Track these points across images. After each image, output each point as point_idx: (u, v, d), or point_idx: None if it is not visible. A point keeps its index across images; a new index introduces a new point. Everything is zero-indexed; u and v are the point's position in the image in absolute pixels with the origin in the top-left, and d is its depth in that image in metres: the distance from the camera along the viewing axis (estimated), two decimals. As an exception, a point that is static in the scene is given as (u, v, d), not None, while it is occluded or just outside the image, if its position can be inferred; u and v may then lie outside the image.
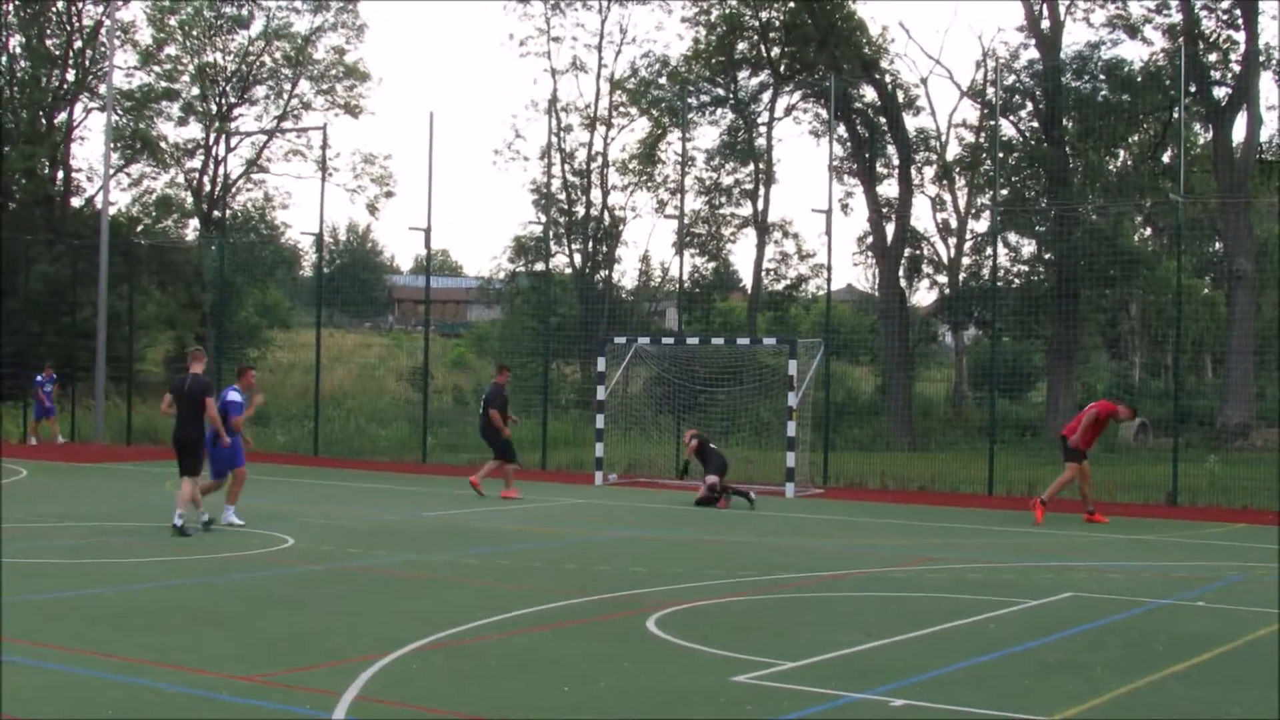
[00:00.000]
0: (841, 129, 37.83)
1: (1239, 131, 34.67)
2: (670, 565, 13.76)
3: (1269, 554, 15.59)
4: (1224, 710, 8.09)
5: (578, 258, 42.55)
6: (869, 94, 38.67)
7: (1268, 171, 35.42)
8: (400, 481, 24.15)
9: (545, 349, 30.57)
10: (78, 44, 44.27)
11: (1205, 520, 19.74)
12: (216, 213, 44.96)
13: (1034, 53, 37.11)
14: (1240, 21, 34.26)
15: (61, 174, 44.80)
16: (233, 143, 46.04)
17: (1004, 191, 35.19)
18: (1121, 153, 39.50)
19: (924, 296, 44.58)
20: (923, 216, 58.05)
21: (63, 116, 44.53)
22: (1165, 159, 36.75)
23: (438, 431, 31.33)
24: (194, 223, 47.13)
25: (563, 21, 44.69)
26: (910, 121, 39.34)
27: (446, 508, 19.65)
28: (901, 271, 37.59)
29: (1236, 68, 34.72)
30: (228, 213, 45.47)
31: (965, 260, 40.94)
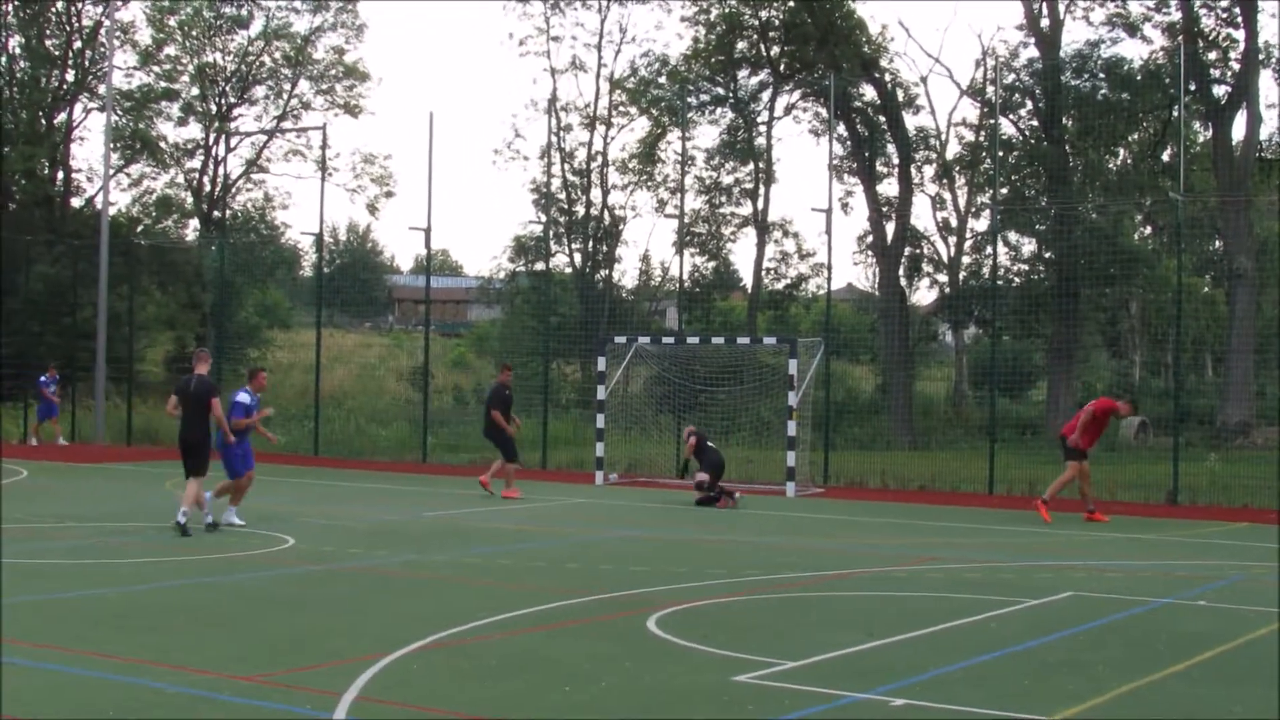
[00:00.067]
0: (841, 128, 37.82)
1: (1239, 130, 34.75)
2: (671, 565, 13.76)
3: (1269, 553, 15.59)
4: (1225, 709, 8.09)
5: (578, 257, 42.59)
6: (869, 93, 38.69)
7: (1267, 170, 35.42)
8: (400, 481, 24.15)
9: (545, 349, 30.57)
10: (77, 44, 44.30)
11: (1206, 519, 19.74)
12: (216, 213, 44.98)
13: (1034, 51, 37.16)
14: (1240, 19, 34.26)
15: (61, 174, 44.82)
16: (232, 143, 46.14)
17: (1004, 190, 35.18)
18: (1121, 151, 39.52)
19: (924, 295, 44.67)
20: (923, 215, 58.17)
21: (62, 117, 44.58)
22: (1165, 157, 36.77)
23: (438, 431, 31.32)
24: (194, 223, 47.22)
25: (562, 21, 44.70)
26: (910, 120, 39.43)
27: (447, 507, 19.65)
28: (901, 270, 37.57)
29: (1236, 66, 34.72)
30: (228, 213, 45.51)
31: (965, 259, 40.97)
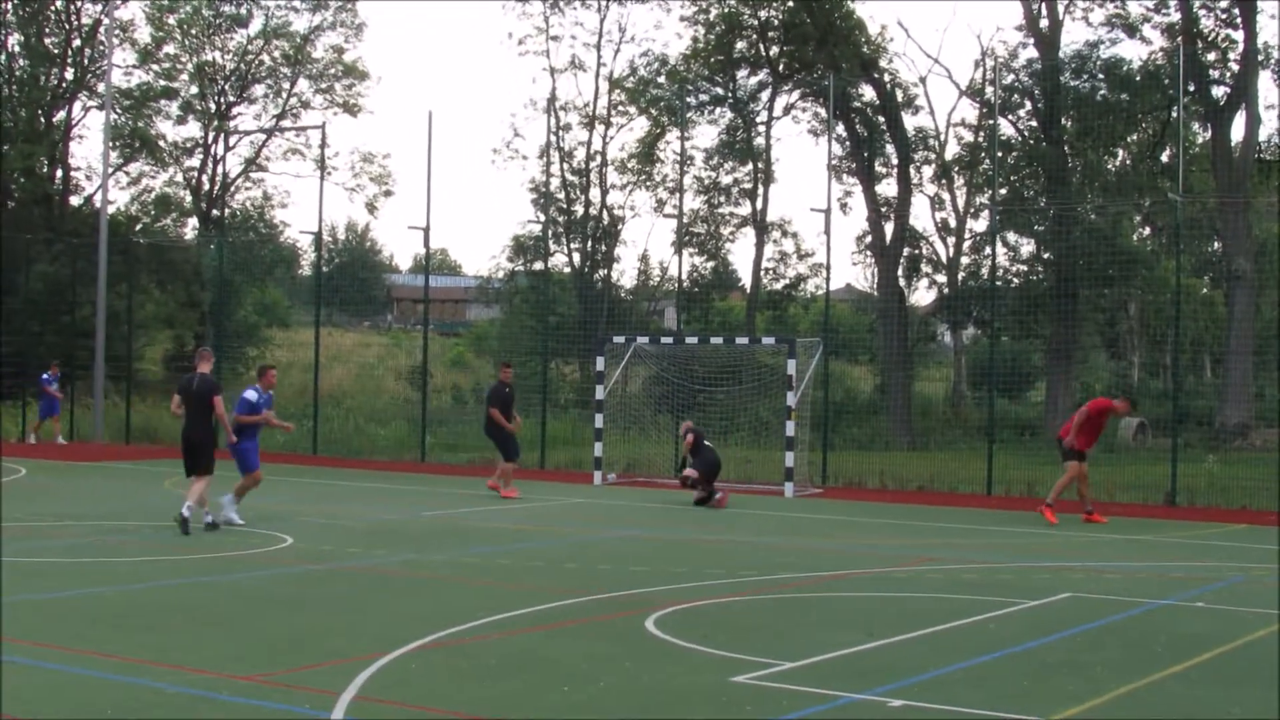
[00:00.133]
0: (840, 128, 37.82)
1: (1238, 131, 34.78)
2: (670, 565, 13.76)
3: (1268, 554, 15.60)
4: (1224, 710, 8.09)
5: (576, 257, 42.58)
6: (868, 93, 38.69)
7: (1266, 171, 35.41)
8: (399, 481, 24.15)
9: (544, 348, 30.57)
10: (76, 42, 44.30)
11: (1204, 520, 19.75)
12: (215, 211, 44.96)
13: (1033, 52, 37.19)
14: (1239, 20, 34.29)
15: (60, 173, 44.81)
16: (231, 141, 46.11)
17: (1003, 191, 35.20)
18: (1120, 152, 39.52)
19: (923, 296, 44.69)
20: (921, 216, 58.23)
21: (61, 115, 44.57)
22: (1164, 158, 36.77)
23: (436, 431, 31.33)
24: (193, 221, 47.24)
25: (561, 20, 44.81)
26: (909, 120, 39.43)
27: (446, 507, 19.65)
28: (900, 271, 37.58)
29: (1235, 67, 34.75)
30: (226, 211, 45.48)
31: (964, 259, 40.96)
